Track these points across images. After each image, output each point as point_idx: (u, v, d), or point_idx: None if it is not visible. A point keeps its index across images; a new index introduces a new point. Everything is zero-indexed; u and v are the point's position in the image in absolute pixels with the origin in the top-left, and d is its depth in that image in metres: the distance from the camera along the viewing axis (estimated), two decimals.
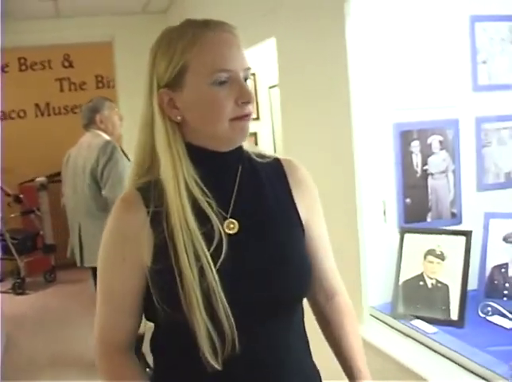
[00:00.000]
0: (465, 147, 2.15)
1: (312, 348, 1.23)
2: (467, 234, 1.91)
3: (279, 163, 1.24)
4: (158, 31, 1.17)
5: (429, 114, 2.09)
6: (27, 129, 6.79)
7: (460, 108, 2.13)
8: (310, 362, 1.23)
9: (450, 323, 1.86)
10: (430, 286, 1.94)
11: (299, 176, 1.24)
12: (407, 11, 2.04)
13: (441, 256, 1.94)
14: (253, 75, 3.72)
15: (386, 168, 2.07)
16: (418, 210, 2.09)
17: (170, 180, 1.09)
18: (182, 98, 1.11)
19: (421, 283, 1.95)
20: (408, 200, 2.08)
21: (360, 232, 2.02)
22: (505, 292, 1.92)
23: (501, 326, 1.82)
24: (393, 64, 2.04)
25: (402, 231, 2.04)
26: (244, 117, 1.10)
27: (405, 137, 2.07)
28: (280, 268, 1.12)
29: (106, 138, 3.42)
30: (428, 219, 2.10)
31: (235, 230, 1.12)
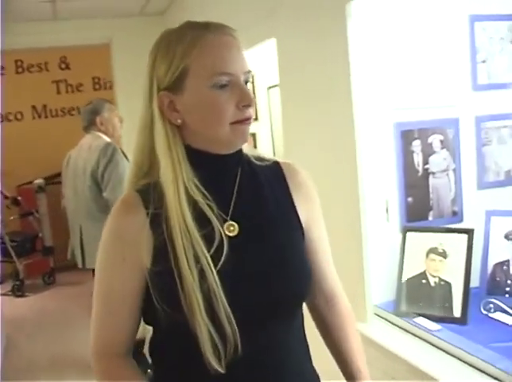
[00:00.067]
0: (465, 146, 2.16)
1: (312, 353, 1.22)
2: (469, 232, 1.93)
3: (278, 166, 1.23)
4: (156, 33, 1.17)
5: (430, 113, 2.11)
6: (24, 131, 6.79)
7: (460, 107, 2.14)
8: (310, 367, 1.22)
9: (453, 320, 1.87)
10: (433, 284, 1.95)
11: (299, 179, 1.23)
12: (407, 11, 2.05)
13: (443, 254, 1.95)
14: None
15: (388, 167, 2.08)
16: (420, 209, 2.11)
17: (170, 183, 1.08)
18: (182, 101, 1.10)
19: (424, 281, 1.97)
20: (409, 199, 2.10)
21: (363, 232, 2.03)
22: (507, 289, 1.94)
23: (503, 323, 1.83)
24: (393, 64, 2.05)
25: (404, 229, 2.05)
26: (245, 120, 1.10)
27: (406, 136, 2.09)
28: (280, 270, 1.12)
29: (106, 140, 3.42)
30: (429, 217, 2.12)
31: (235, 232, 1.12)
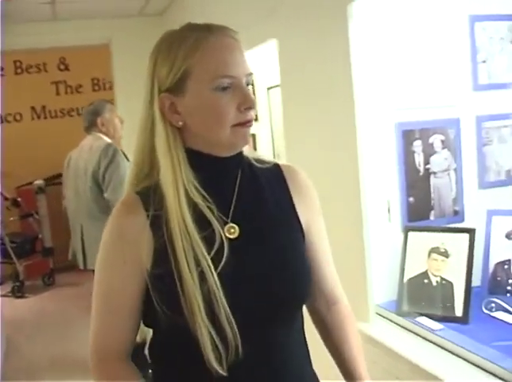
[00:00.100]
0: (466, 146, 2.17)
1: (312, 357, 1.22)
2: (471, 231, 1.93)
3: (279, 168, 1.23)
4: (156, 33, 1.17)
5: (431, 113, 2.11)
6: (23, 132, 6.77)
7: (461, 107, 2.15)
8: (310, 370, 1.22)
9: (455, 320, 1.88)
10: (435, 284, 1.96)
11: (299, 181, 1.23)
12: (407, 12, 2.06)
13: (445, 254, 1.96)
14: None
15: (389, 167, 2.09)
16: (421, 209, 2.11)
17: (169, 185, 1.08)
18: (184, 103, 1.10)
19: (426, 281, 1.97)
20: (411, 198, 2.10)
21: (365, 232, 2.04)
22: (508, 288, 1.94)
23: (505, 322, 1.84)
24: (394, 65, 2.05)
25: (406, 229, 2.06)
26: (246, 123, 1.10)
27: (408, 136, 2.09)
28: (280, 273, 1.12)
29: (107, 141, 3.43)
30: (431, 217, 2.12)
31: (236, 235, 1.12)
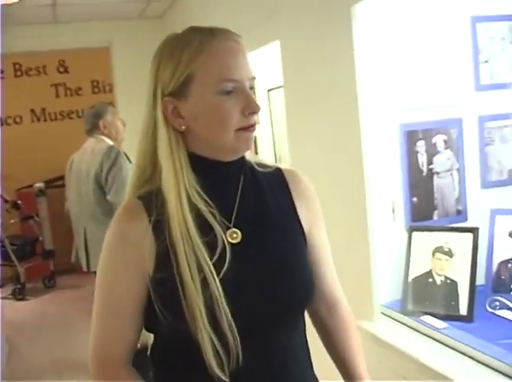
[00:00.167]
0: (469, 146, 2.18)
1: (312, 359, 1.23)
2: (474, 231, 1.95)
3: (281, 173, 1.23)
4: (156, 36, 1.17)
5: (433, 114, 2.13)
6: (23, 134, 6.77)
7: (463, 107, 2.17)
8: (312, 374, 1.22)
9: (459, 318, 1.89)
10: (439, 283, 1.97)
11: (301, 185, 1.23)
12: (410, 14, 2.07)
13: (449, 253, 1.97)
14: None
15: (393, 168, 2.10)
16: (425, 208, 2.13)
17: (171, 189, 1.07)
18: (187, 107, 1.09)
19: (430, 280, 1.99)
20: (414, 198, 2.12)
21: (370, 232, 2.05)
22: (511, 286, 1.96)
23: (509, 320, 1.85)
24: (397, 66, 2.07)
25: (410, 229, 2.07)
26: (250, 127, 1.10)
27: (411, 137, 2.11)
28: (283, 278, 1.12)
29: (109, 144, 3.43)
30: (434, 217, 2.14)
31: (238, 239, 1.11)
